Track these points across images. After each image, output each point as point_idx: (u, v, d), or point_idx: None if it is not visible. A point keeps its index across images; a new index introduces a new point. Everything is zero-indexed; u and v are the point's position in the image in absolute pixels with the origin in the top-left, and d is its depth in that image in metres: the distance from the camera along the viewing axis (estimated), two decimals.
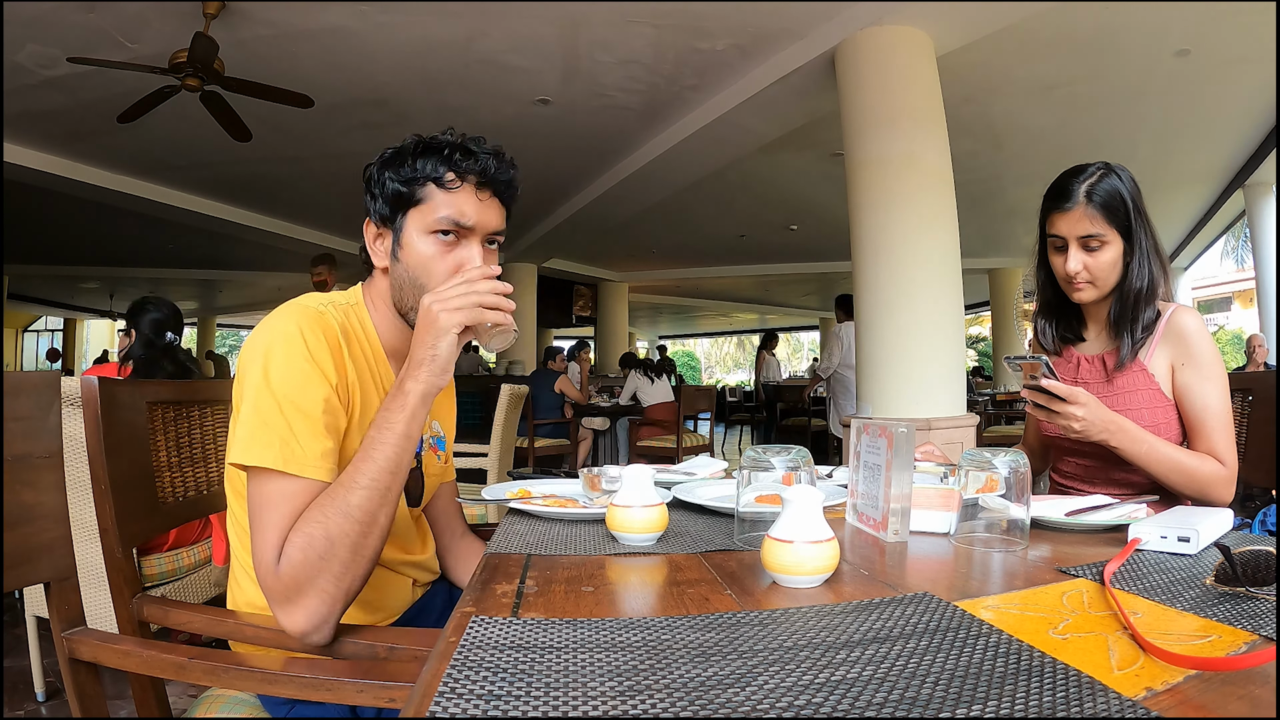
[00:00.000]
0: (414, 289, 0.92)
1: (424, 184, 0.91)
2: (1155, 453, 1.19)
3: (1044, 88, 4.97)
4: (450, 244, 0.92)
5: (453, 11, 3.87)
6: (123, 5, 3.68)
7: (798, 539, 0.67)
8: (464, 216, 0.92)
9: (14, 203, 6.76)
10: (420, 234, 0.91)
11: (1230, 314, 17.47)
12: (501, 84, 4.76)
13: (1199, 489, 1.20)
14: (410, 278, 0.92)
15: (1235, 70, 4.72)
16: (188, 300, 14.06)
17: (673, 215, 8.41)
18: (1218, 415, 1.24)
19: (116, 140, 5.56)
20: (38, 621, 1.87)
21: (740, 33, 4.08)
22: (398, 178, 0.92)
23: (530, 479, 1.34)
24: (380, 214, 0.94)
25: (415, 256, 0.91)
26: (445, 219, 0.91)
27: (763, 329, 22.80)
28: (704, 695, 0.43)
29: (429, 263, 0.91)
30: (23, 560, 0.85)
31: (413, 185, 0.91)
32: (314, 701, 0.74)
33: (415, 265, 0.92)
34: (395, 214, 0.93)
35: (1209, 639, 0.53)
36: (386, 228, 0.94)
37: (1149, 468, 1.20)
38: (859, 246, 3.73)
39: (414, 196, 0.91)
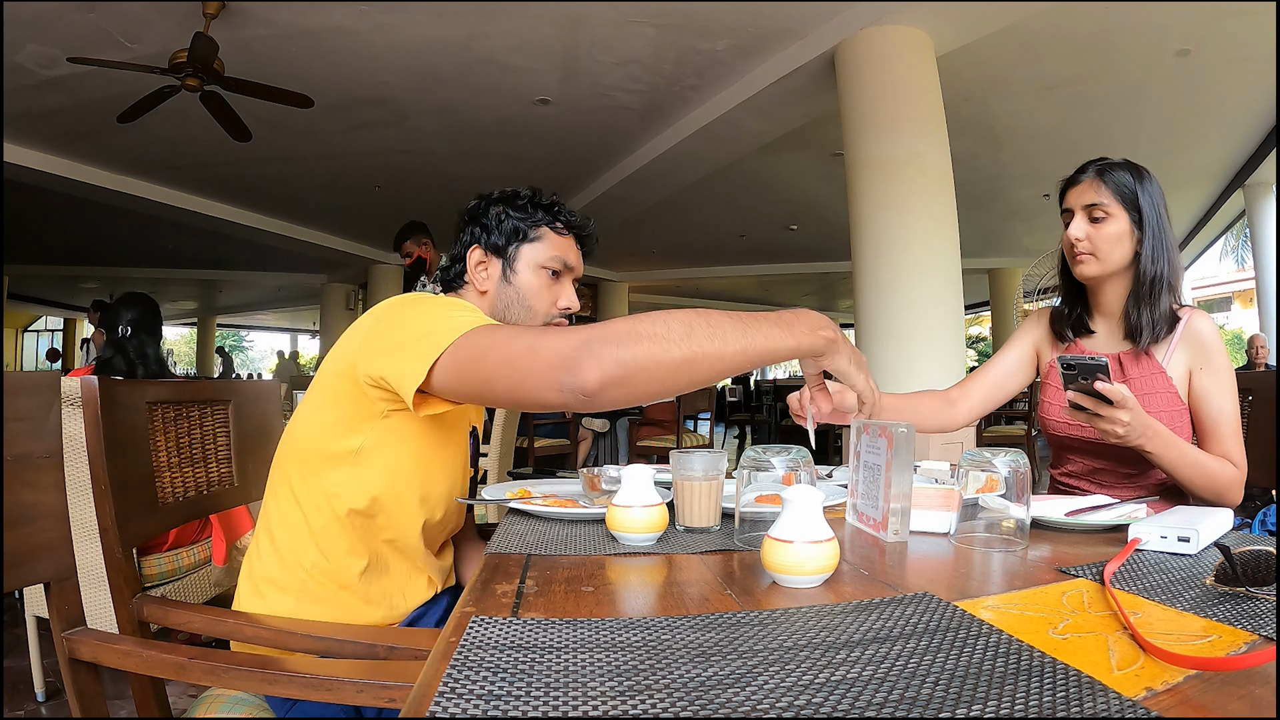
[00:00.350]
0: (522, 309, 1.08)
1: (540, 226, 1.09)
2: (1185, 457, 1.19)
3: (1044, 88, 4.97)
4: (554, 280, 1.10)
5: (453, 11, 3.87)
6: (123, 5, 3.68)
7: (798, 539, 0.67)
8: (570, 259, 1.11)
9: (14, 203, 6.76)
10: (532, 266, 1.09)
11: (1230, 314, 17.48)
12: (501, 84, 4.76)
13: (1218, 491, 1.21)
14: (521, 300, 1.08)
15: (1235, 70, 4.72)
16: (188, 300, 14.08)
17: (673, 215, 8.41)
18: (1231, 419, 1.25)
19: (116, 140, 5.56)
20: (38, 621, 1.87)
21: (740, 33, 4.08)
22: (517, 215, 1.08)
23: (530, 479, 1.34)
24: (494, 244, 1.09)
25: (527, 285, 1.08)
26: (557, 259, 1.09)
27: None
28: (704, 695, 0.43)
29: (540, 291, 1.09)
30: (23, 560, 0.85)
31: (530, 224, 1.09)
32: (314, 701, 0.74)
33: (527, 291, 1.08)
34: (509, 245, 1.08)
35: (1209, 639, 0.53)
36: (496, 256, 1.09)
37: (1176, 471, 1.20)
38: (859, 246, 3.73)
39: (530, 234, 1.09)
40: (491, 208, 1.10)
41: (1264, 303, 7.21)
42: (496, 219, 1.09)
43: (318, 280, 11.86)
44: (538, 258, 1.09)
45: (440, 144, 5.89)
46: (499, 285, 1.08)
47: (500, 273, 1.09)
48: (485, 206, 1.11)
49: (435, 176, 6.83)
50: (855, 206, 3.76)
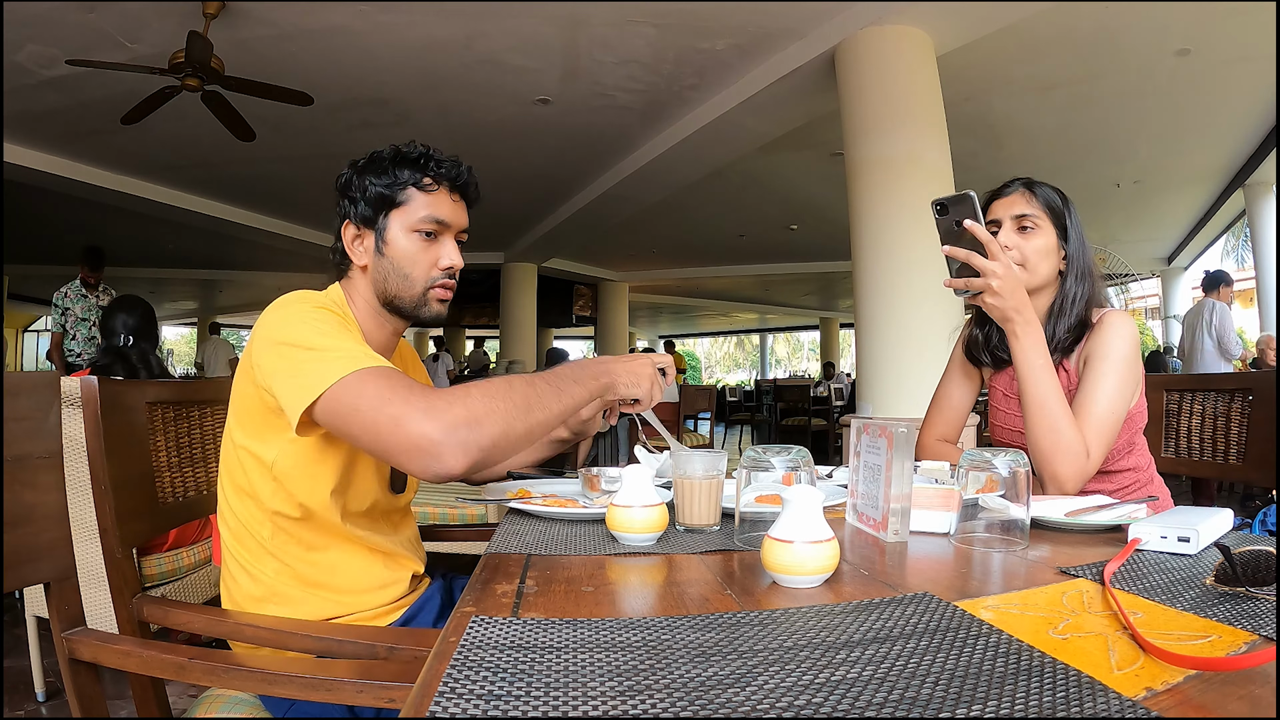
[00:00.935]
0: (399, 279, 1.03)
1: (405, 188, 1.02)
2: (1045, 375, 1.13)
3: (1044, 88, 4.97)
4: (430, 241, 1.04)
5: (453, 11, 3.87)
6: (123, 5, 3.68)
7: (798, 539, 0.67)
8: (443, 215, 1.04)
9: (14, 203, 6.76)
10: (404, 232, 1.02)
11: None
12: (501, 84, 4.76)
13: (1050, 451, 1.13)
14: (396, 269, 1.03)
15: (1235, 70, 4.72)
16: (188, 300, 14.08)
17: (673, 215, 8.41)
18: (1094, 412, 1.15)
19: (116, 140, 5.56)
20: (38, 621, 1.87)
21: (740, 33, 4.08)
22: (379, 182, 1.02)
23: (530, 479, 1.34)
24: (362, 216, 1.03)
25: (400, 252, 1.02)
26: (428, 218, 1.02)
27: (763, 329, 22.84)
28: (704, 695, 0.43)
29: (415, 256, 1.03)
30: (23, 560, 0.85)
31: (395, 189, 1.02)
32: (313, 701, 0.74)
33: (401, 259, 1.02)
34: (377, 215, 1.02)
35: (1209, 639, 0.53)
36: (368, 228, 1.03)
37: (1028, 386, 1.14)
38: (859, 246, 3.73)
39: (396, 199, 1.02)
40: (356, 178, 1.04)
41: (1264, 303, 7.20)
42: (361, 189, 1.03)
43: (318, 280, 11.81)
44: (407, 221, 1.02)
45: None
46: (374, 258, 1.03)
47: (374, 245, 1.03)
48: (350, 178, 1.05)
49: None
50: (855, 206, 3.76)
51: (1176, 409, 1.58)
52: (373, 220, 1.02)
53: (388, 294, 1.04)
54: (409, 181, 1.02)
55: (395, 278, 1.03)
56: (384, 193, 1.02)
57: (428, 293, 1.04)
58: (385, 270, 1.03)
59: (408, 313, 1.05)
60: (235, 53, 3.95)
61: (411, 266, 1.03)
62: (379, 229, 1.02)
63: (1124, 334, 1.20)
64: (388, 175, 1.02)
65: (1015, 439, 1.34)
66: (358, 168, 1.04)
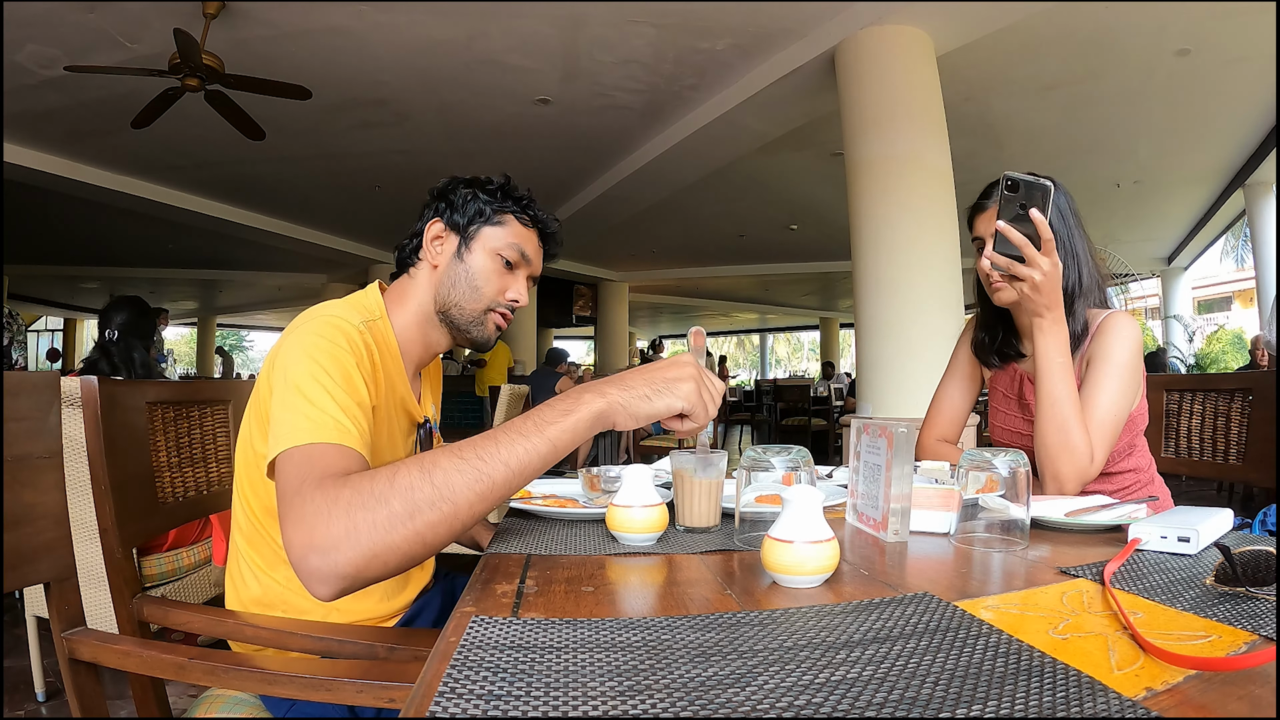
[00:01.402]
0: (468, 290, 1.04)
1: (506, 213, 1.06)
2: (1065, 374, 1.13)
3: (1044, 88, 4.97)
4: (506, 270, 1.06)
5: (453, 11, 3.87)
6: (123, 5, 3.68)
7: (798, 539, 0.67)
8: (528, 251, 1.08)
9: (14, 203, 6.76)
10: (487, 250, 1.05)
11: (1230, 314, 17.47)
12: (501, 84, 4.76)
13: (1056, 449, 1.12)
14: (469, 279, 1.04)
15: (1235, 70, 4.72)
16: (188, 300, 14.09)
17: (673, 215, 8.42)
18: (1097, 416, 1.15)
19: (116, 140, 5.57)
20: (38, 621, 1.87)
21: (740, 33, 4.08)
22: (484, 197, 1.06)
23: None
24: (455, 221, 1.06)
25: (478, 265, 1.05)
26: (514, 246, 1.06)
27: (763, 329, 22.83)
28: (704, 695, 0.43)
29: (489, 275, 1.05)
30: (23, 560, 0.85)
31: (498, 210, 1.06)
32: (314, 701, 0.74)
33: (477, 271, 1.05)
34: (470, 224, 1.06)
35: (1209, 639, 0.53)
36: (455, 233, 1.06)
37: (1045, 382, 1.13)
38: (859, 246, 3.73)
39: (494, 218, 1.06)
40: (461, 187, 1.08)
41: (1264, 303, 7.20)
42: (463, 198, 1.06)
43: (318, 280, 11.86)
44: (495, 242, 1.05)
45: (440, 144, 5.89)
46: (451, 260, 1.05)
47: (455, 249, 1.05)
48: (455, 185, 1.09)
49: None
50: (855, 206, 3.76)
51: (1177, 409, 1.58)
52: (464, 227, 1.05)
53: (450, 301, 1.04)
54: (511, 210, 1.06)
55: (465, 287, 1.04)
56: (485, 208, 1.06)
57: (488, 314, 1.06)
58: (457, 276, 1.04)
59: (460, 325, 1.05)
60: (235, 52, 3.95)
61: (485, 283, 1.05)
62: (466, 236, 1.05)
63: (1127, 336, 1.20)
64: (493, 197, 1.06)
65: (1014, 439, 1.34)
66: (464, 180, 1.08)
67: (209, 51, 3.61)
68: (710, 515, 0.91)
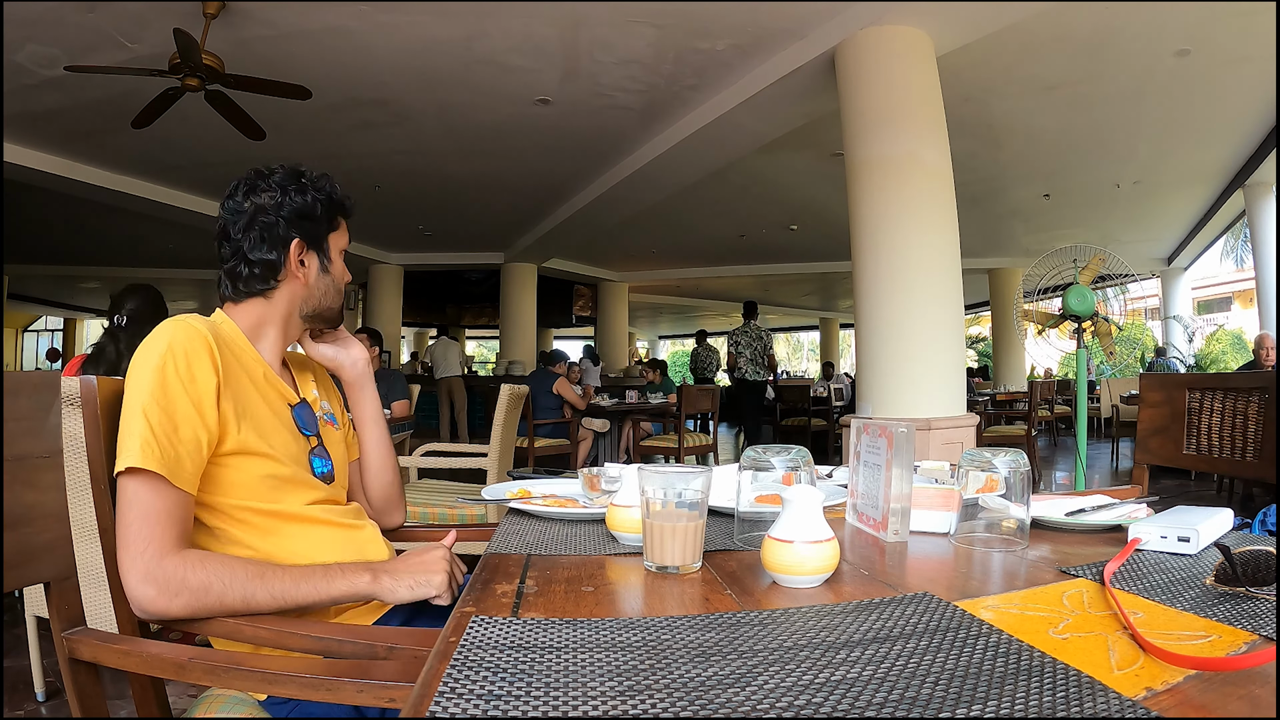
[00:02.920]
0: (334, 292, 1.16)
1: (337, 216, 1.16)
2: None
3: (1044, 88, 4.97)
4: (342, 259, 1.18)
5: (453, 11, 3.87)
6: (123, 5, 3.68)
7: (798, 539, 0.67)
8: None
9: (14, 203, 6.76)
10: (338, 253, 1.16)
11: (1230, 314, 17.48)
12: (501, 84, 4.76)
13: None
14: (335, 285, 1.15)
15: (1235, 70, 4.72)
16: (187, 300, 14.07)
17: (673, 215, 8.41)
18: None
19: (116, 140, 5.57)
20: (38, 621, 1.86)
21: (740, 33, 4.08)
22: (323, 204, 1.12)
23: (530, 479, 1.34)
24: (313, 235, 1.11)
25: (338, 270, 1.16)
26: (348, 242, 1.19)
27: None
28: (704, 695, 0.43)
29: (344, 273, 1.17)
30: (23, 560, 0.85)
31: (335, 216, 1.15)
32: (315, 702, 0.74)
33: (339, 276, 1.16)
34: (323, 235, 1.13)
35: (1209, 639, 0.53)
36: (313, 249, 1.12)
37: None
38: (859, 246, 3.73)
39: (334, 224, 1.15)
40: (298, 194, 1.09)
41: (1264, 303, 7.20)
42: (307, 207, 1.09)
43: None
44: (340, 244, 1.16)
45: (440, 144, 5.89)
46: (318, 276, 1.12)
47: (319, 264, 1.12)
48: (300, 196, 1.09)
49: (435, 176, 6.83)
50: (855, 206, 3.76)
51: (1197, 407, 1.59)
52: (319, 239, 1.12)
53: (323, 305, 1.14)
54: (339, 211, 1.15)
55: (334, 292, 1.15)
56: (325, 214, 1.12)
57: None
58: (326, 286, 1.14)
59: (328, 320, 1.17)
60: (236, 52, 3.95)
61: (342, 281, 1.18)
62: (323, 249, 1.13)
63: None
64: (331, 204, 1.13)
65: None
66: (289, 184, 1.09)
67: (209, 51, 3.61)
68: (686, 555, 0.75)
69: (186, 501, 0.91)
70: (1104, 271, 3.38)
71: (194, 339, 0.95)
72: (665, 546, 0.74)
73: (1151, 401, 1.63)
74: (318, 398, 1.18)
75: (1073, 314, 3.27)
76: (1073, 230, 8.67)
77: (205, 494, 0.96)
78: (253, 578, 0.90)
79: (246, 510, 0.99)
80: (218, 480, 0.97)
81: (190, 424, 0.91)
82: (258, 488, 0.99)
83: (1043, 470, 6.35)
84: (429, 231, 9.43)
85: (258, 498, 0.99)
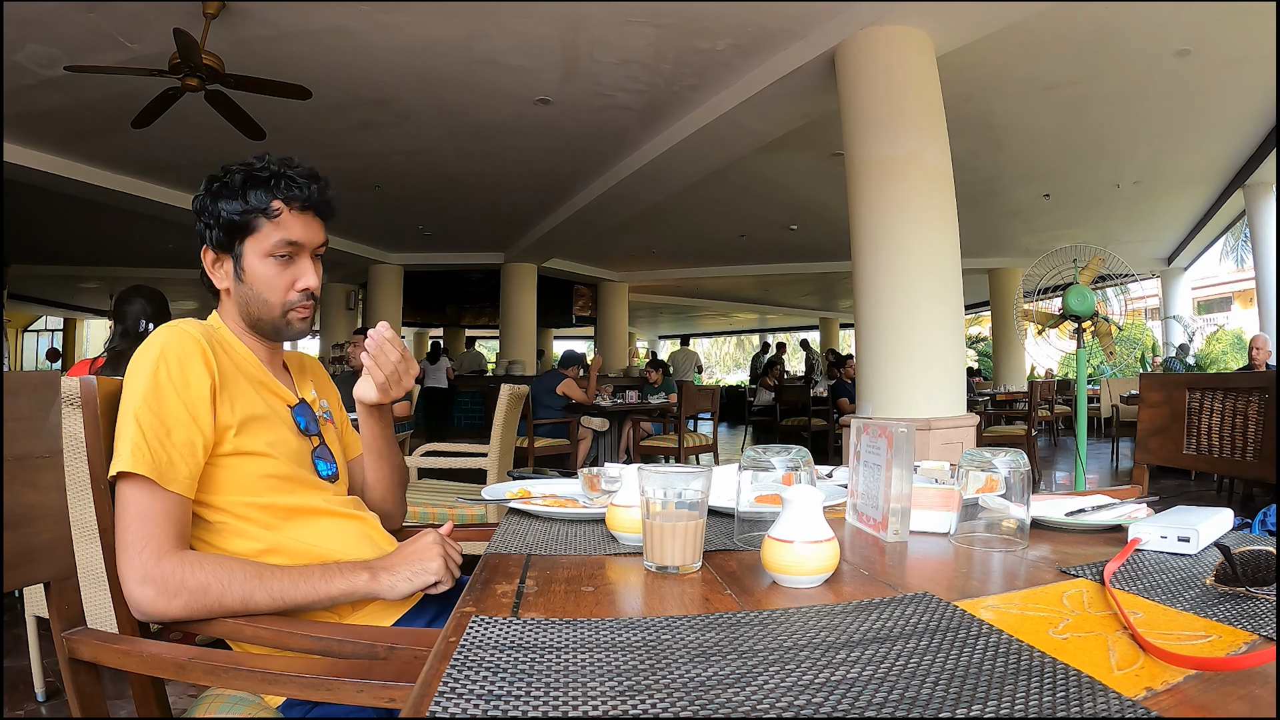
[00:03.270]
0: (260, 304, 1.05)
1: (256, 216, 1.01)
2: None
3: (1044, 88, 4.97)
4: (286, 263, 1.04)
5: (453, 11, 3.87)
6: (123, 5, 3.68)
7: (798, 539, 0.67)
8: (295, 237, 1.03)
9: (14, 203, 6.76)
10: (259, 258, 1.03)
11: (1230, 314, 17.48)
12: (501, 84, 4.76)
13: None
14: (256, 295, 1.04)
15: (1235, 70, 4.72)
16: (187, 300, 14.07)
17: (673, 215, 8.41)
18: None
19: (116, 140, 5.57)
20: (38, 621, 1.86)
21: (740, 33, 4.08)
22: (232, 210, 1.01)
23: (531, 478, 1.33)
24: (219, 242, 1.03)
25: (258, 278, 1.03)
26: (281, 242, 1.02)
27: (763, 329, 22.82)
28: (704, 695, 0.43)
29: (271, 280, 1.04)
30: (23, 560, 0.85)
31: (247, 216, 1.01)
32: (324, 702, 0.74)
33: (260, 284, 1.04)
34: (233, 242, 1.03)
35: (1209, 639, 0.53)
36: (225, 254, 1.04)
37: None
38: (859, 246, 3.73)
39: (249, 226, 1.02)
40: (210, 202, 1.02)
41: (1264, 303, 7.20)
42: (215, 215, 1.02)
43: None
44: (261, 247, 1.02)
45: (440, 144, 5.89)
46: (236, 285, 1.04)
47: (233, 272, 1.04)
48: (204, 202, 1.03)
49: (435, 176, 6.83)
50: (855, 206, 3.76)
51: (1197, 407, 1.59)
52: (229, 246, 1.03)
53: (251, 317, 1.06)
54: (259, 209, 1.01)
55: (257, 302, 1.04)
56: (236, 219, 1.01)
57: (287, 314, 1.05)
58: (246, 296, 1.04)
59: (270, 335, 1.07)
60: (236, 52, 3.95)
61: (270, 292, 1.03)
62: (236, 255, 1.03)
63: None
64: (239, 201, 1.01)
65: None
66: (211, 191, 1.03)
67: (209, 51, 3.61)
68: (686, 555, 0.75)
69: (183, 503, 0.91)
70: (1104, 271, 3.38)
71: (187, 343, 0.95)
72: (665, 546, 0.74)
73: (1151, 401, 1.63)
74: (316, 397, 1.17)
75: (1073, 314, 3.27)
76: (1073, 230, 8.67)
77: (206, 493, 0.96)
78: (251, 578, 0.89)
79: (248, 506, 0.99)
80: (217, 480, 0.97)
81: (184, 427, 0.91)
82: (257, 486, 0.99)
83: (1043, 470, 6.35)
84: (429, 231, 9.43)
85: (258, 495, 0.99)
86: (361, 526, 1.09)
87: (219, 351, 0.99)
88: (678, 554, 0.74)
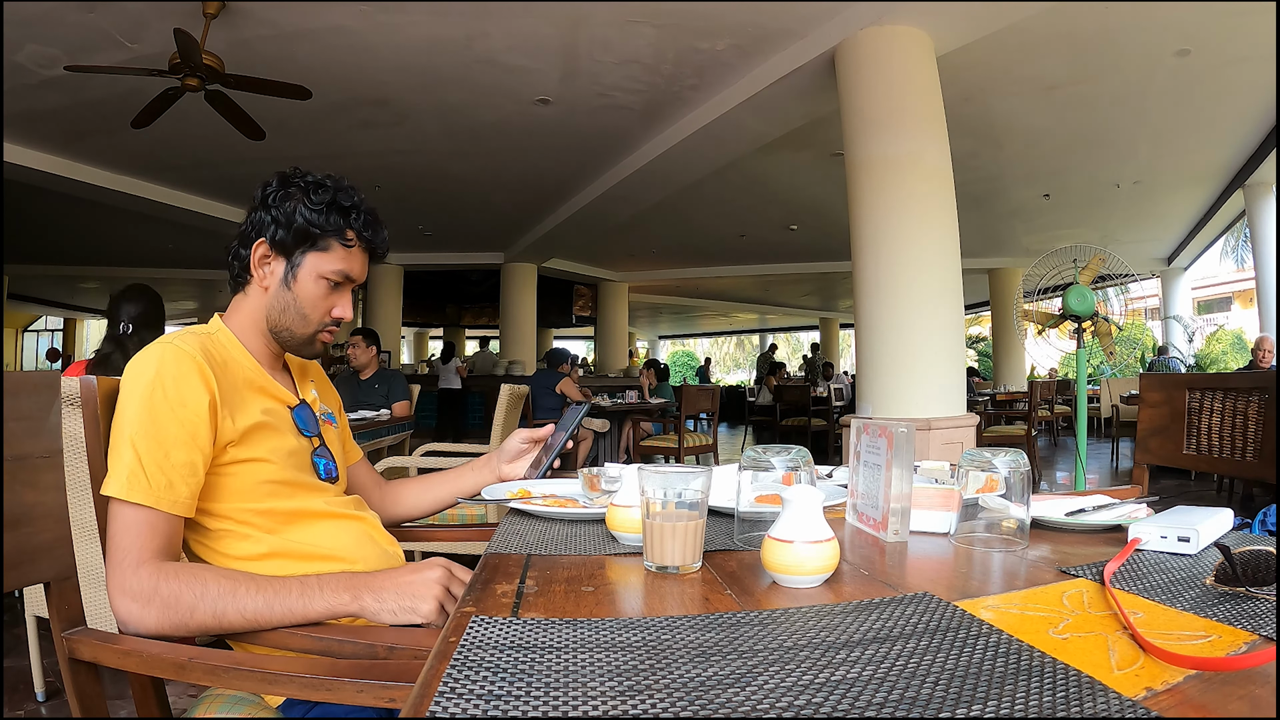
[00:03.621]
0: (297, 317, 1.04)
1: (330, 235, 1.02)
2: None
3: (1044, 88, 4.97)
4: (331, 291, 1.05)
5: (453, 11, 3.87)
6: (123, 5, 3.68)
7: (798, 539, 0.67)
8: (353, 273, 1.06)
9: (14, 203, 6.76)
10: (314, 275, 1.03)
11: (1230, 314, 17.48)
12: (501, 84, 4.76)
13: None
14: (297, 307, 1.04)
15: (1235, 70, 4.72)
16: (187, 300, 14.08)
17: (673, 215, 8.41)
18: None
19: (116, 140, 5.57)
20: (38, 621, 1.86)
21: (740, 33, 4.08)
22: (311, 220, 1.01)
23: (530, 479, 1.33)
24: (281, 242, 1.02)
25: (307, 292, 1.04)
26: (341, 272, 1.04)
27: (763, 329, 22.83)
28: (704, 695, 0.43)
29: (316, 301, 1.04)
30: (23, 560, 0.85)
31: (324, 233, 1.02)
32: (323, 702, 0.74)
33: (305, 299, 1.04)
34: (295, 249, 1.02)
35: (1209, 639, 0.53)
36: (282, 256, 1.03)
37: None
38: (859, 246, 3.73)
39: (319, 243, 1.03)
40: (284, 201, 1.01)
41: (1264, 303, 7.20)
42: (288, 214, 1.01)
43: None
44: (321, 267, 1.03)
45: (440, 144, 5.89)
46: (279, 288, 1.03)
47: (282, 275, 1.03)
48: (278, 198, 1.02)
49: (435, 176, 6.83)
50: (855, 206, 3.76)
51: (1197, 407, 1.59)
52: (290, 251, 1.02)
53: (281, 324, 1.05)
54: (334, 231, 1.02)
55: (294, 314, 1.04)
56: (311, 230, 1.01)
57: (317, 335, 1.06)
58: (286, 303, 1.03)
59: (290, 346, 1.07)
60: (236, 52, 3.95)
61: (312, 310, 1.04)
62: (294, 263, 1.03)
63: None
64: (321, 214, 1.01)
65: None
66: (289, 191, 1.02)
67: (209, 51, 3.61)
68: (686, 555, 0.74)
69: (173, 519, 0.90)
70: (1104, 271, 3.38)
71: (182, 361, 0.93)
72: (665, 546, 0.74)
73: (1151, 401, 1.63)
74: (316, 399, 1.17)
75: (1073, 314, 3.27)
76: (1073, 230, 8.67)
77: (207, 501, 0.96)
78: (225, 594, 0.86)
79: (249, 512, 0.99)
80: (219, 488, 0.97)
81: (183, 447, 0.90)
82: (258, 491, 0.99)
83: (1043, 470, 6.35)
84: (429, 231, 9.43)
85: (259, 500, 0.99)
86: (362, 526, 1.10)
87: (216, 364, 0.97)
88: (678, 554, 0.74)
